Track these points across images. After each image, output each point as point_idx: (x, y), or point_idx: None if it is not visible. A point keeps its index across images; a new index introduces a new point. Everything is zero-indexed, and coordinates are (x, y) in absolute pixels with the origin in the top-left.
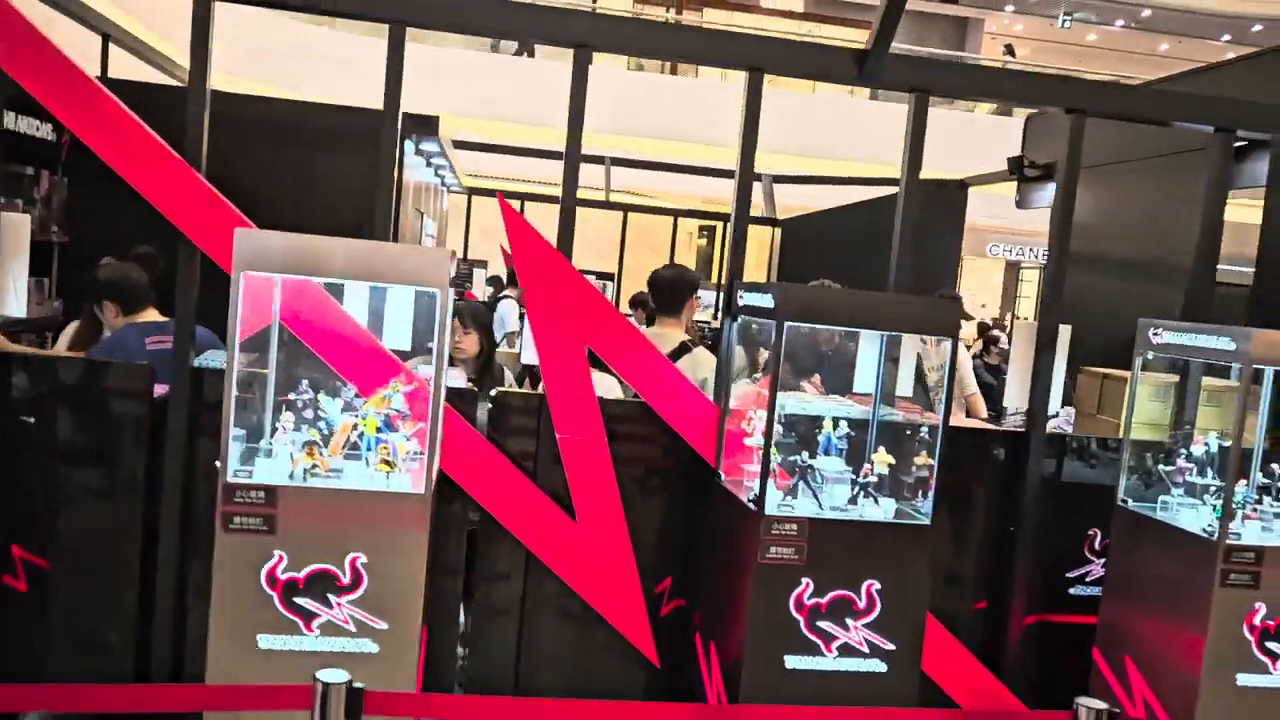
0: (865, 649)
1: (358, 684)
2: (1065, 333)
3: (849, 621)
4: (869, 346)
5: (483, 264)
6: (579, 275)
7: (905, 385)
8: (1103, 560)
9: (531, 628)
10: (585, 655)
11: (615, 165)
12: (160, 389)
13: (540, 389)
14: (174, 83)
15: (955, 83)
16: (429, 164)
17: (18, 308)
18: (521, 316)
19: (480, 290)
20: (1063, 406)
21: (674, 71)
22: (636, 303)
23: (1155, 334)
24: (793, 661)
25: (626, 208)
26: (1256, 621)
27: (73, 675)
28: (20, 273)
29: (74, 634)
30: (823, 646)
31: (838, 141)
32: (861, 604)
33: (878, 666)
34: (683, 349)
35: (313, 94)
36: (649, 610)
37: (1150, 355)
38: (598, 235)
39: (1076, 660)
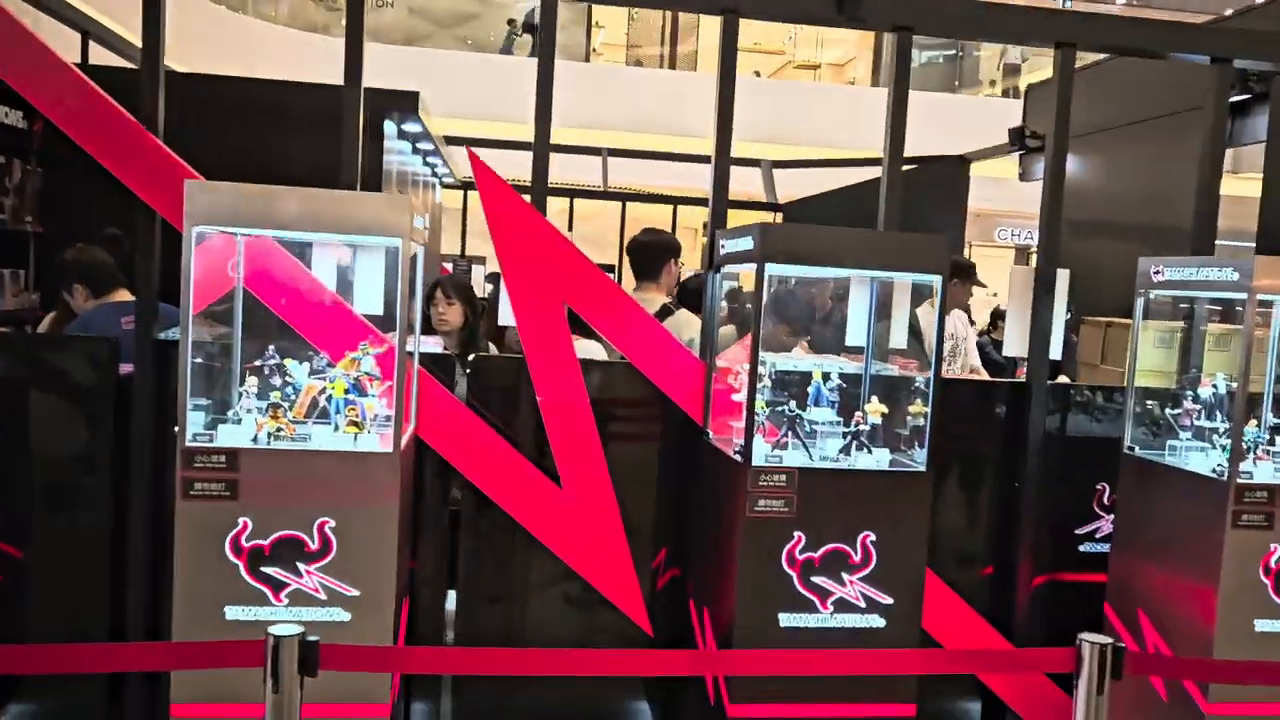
0: (862, 604)
1: (311, 637)
2: (1064, 277)
3: (844, 576)
4: (859, 296)
5: (481, 260)
6: (555, 231)
7: (899, 338)
8: (1112, 516)
9: (521, 602)
10: (578, 628)
11: (613, 156)
12: (126, 368)
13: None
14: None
15: (939, 20)
16: (415, 150)
17: None
18: None
19: (480, 287)
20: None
21: (672, 66)
22: None
23: (1157, 272)
24: (787, 619)
25: (625, 196)
26: (1272, 563)
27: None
28: None
29: (49, 622)
30: (818, 603)
31: (840, 131)
32: (857, 557)
33: (876, 622)
34: (665, 312)
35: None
36: (645, 584)
37: (1153, 295)
38: (597, 230)
39: (1089, 619)
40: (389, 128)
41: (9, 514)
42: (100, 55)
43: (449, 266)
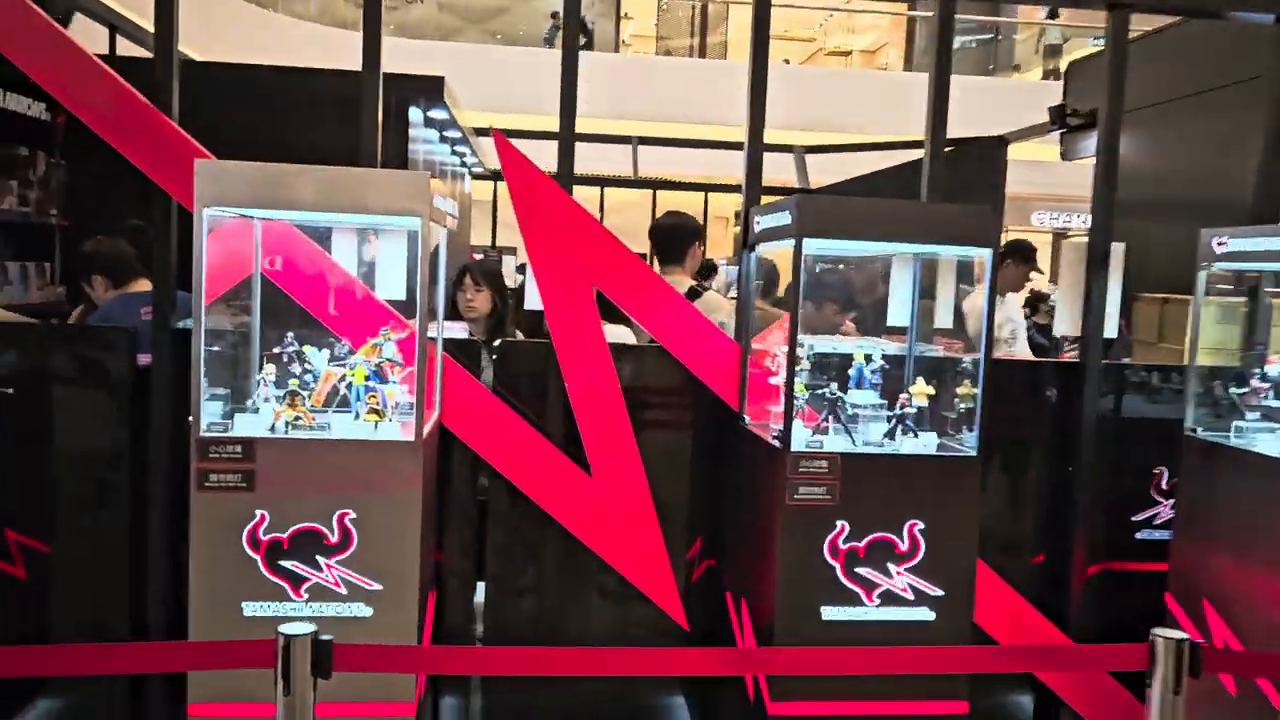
0: (910, 596)
1: (325, 636)
2: (1118, 251)
3: (891, 566)
4: (902, 273)
5: (511, 250)
6: (583, 211)
7: (944, 317)
8: (1171, 501)
9: (551, 594)
10: (611, 620)
11: (643, 145)
12: (144, 359)
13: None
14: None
15: None
16: (442, 138)
17: None
18: None
19: (511, 278)
20: None
21: (702, 55)
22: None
23: (1220, 243)
24: (830, 613)
25: (656, 185)
26: None
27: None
28: None
29: (73, 618)
30: (863, 595)
31: (873, 117)
32: (904, 547)
33: (925, 615)
34: (693, 294)
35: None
36: (680, 576)
37: (1215, 267)
38: (628, 221)
39: (1147, 611)
40: (414, 114)
41: (34, 508)
42: (127, 50)
43: (479, 257)
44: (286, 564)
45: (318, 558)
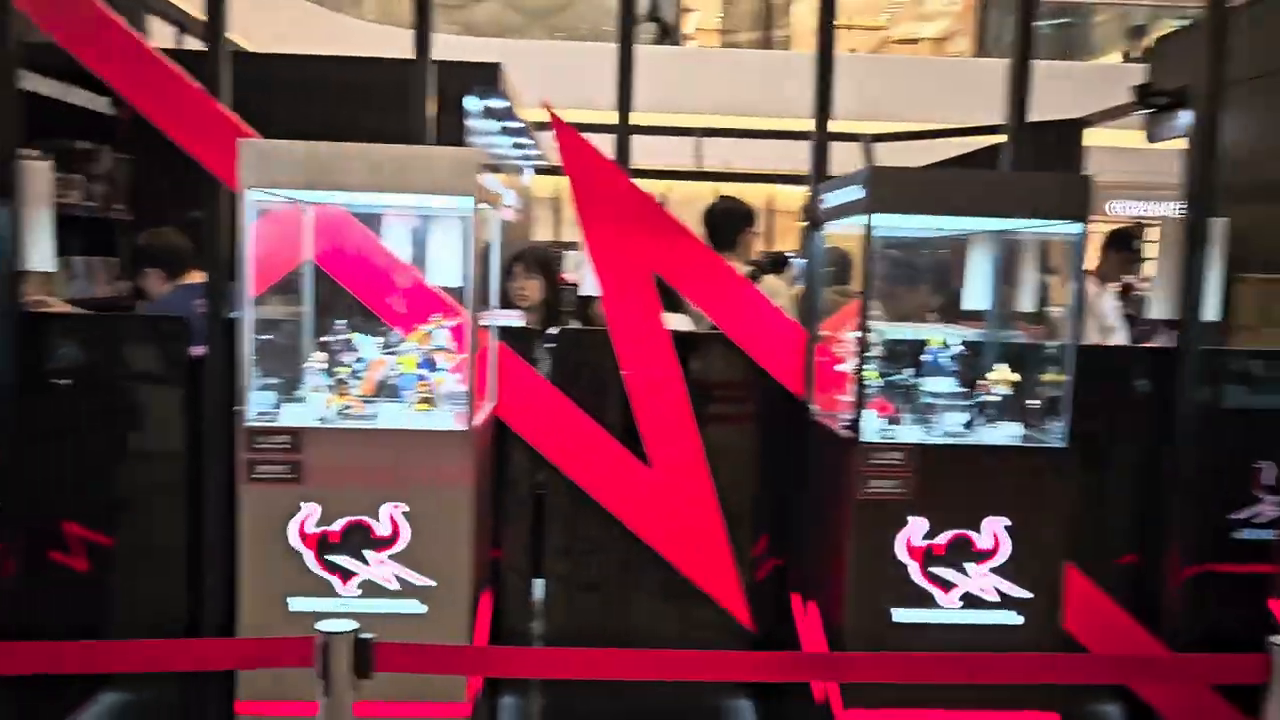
0: (993, 598)
1: (366, 635)
2: (1220, 227)
3: (970, 566)
4: (981, 251)
5: (574, 245)
6: (641, 192)
7: (1028, 299)
8: (1275, 499)
9: (611, 591)
10: (674, 618)
11: (707, 136)
12: (199, 350)
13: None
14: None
15: None
16: (503, 130)
17: (42, 261)
18: None
19: (575, 274)
20: None
21: (766, 45)
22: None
23: None
24: (904, 615)
25: (720, 177)
26: None
27: None
28: (44, 223)
29: (132, 612)
30: (939, 596)
31: (941, 105)
32: (985, 545)
33: (1011, 618)
34: (750, 279)
35: None
36: (745, 574)
37: None
38: (692, 214)
39: (1248, 616)
40: (471, 104)
41: (94, 501)
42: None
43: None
44: (335, 558)
45: (367, 552)
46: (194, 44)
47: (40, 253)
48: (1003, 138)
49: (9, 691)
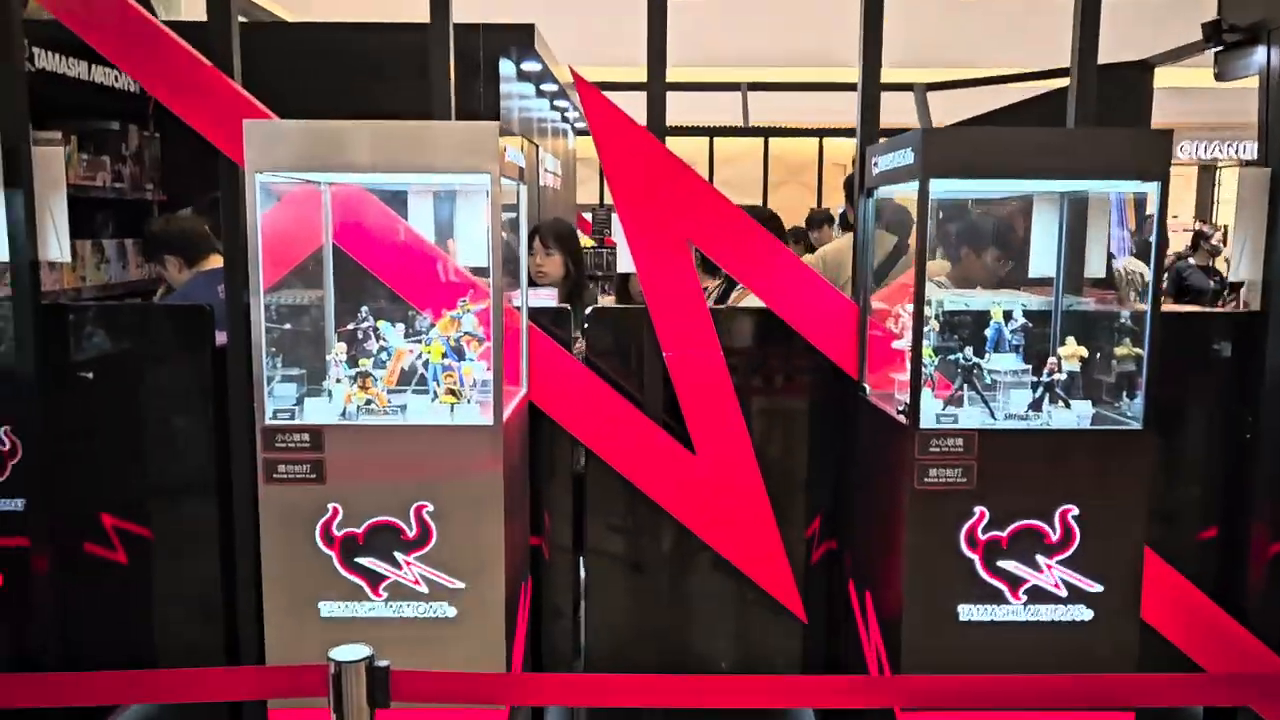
0: (1064, 592)
1: (381, 661)
2: None
3: (1040, 559)
4: (1046, 213)
5: None
6: (676, 159)
7: (1097, 265)
8: None
9: (657, 576)
10: (723, 615)
11: (753, 91)
12: (223, 337)
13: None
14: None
15: None
16: (539, 92)
17: (59, 251)
18: None
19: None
20: None
21: None
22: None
23: None
24: (969, 611)
25: (768, 132)
26: None
27: (170, 651)
28: (59, 211)
29: (170, 604)
30: (1006, 592)
31: (995, 49)
32: (1056, 536)
33: (1082, 614)
34: None
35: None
36: (798, 558)
37: None
38: (739, 172)
39: None
40: (506, 67)
41: (128, 493)
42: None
43: (588, 217)
44: (363, 561)
45: (396, 554)
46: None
47: (55, 242)
48: (1063, 81)
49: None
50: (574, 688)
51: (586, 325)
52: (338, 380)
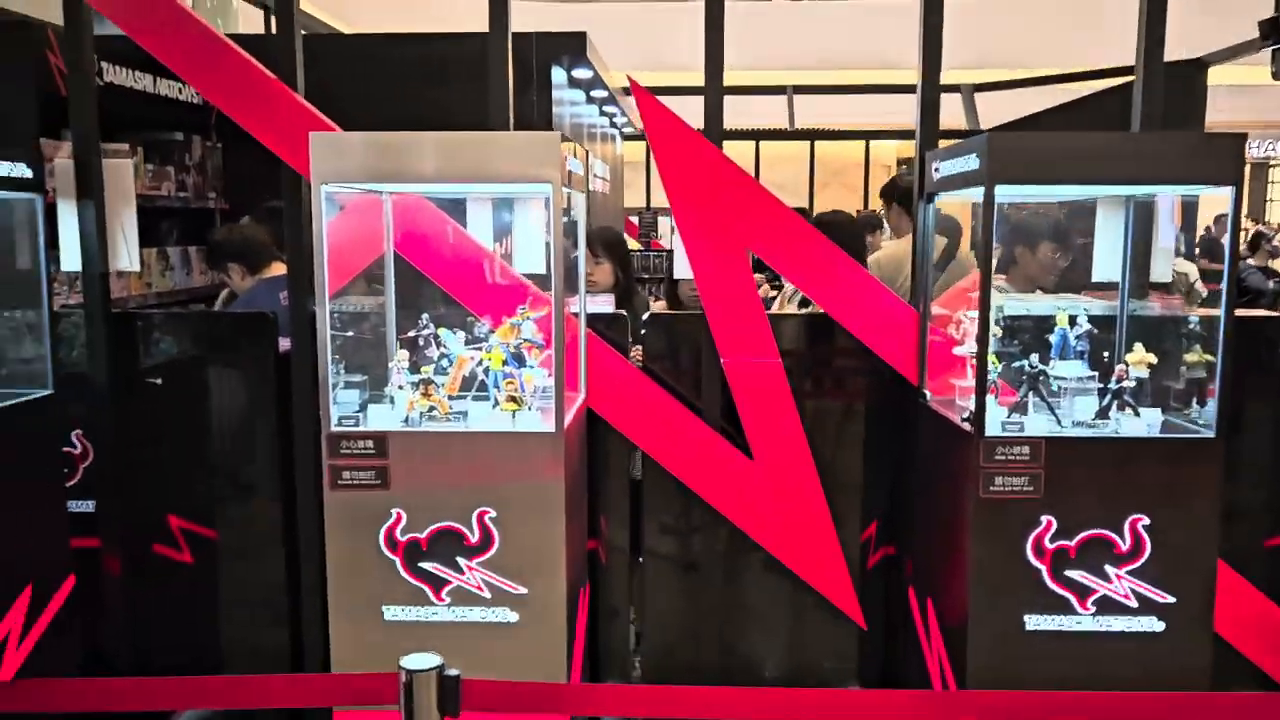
0: (1134, 603)
1: (451, 670)
2: None
3: (1109, 569)
4: (1111, 217)
5: (667, 210)
6: (733, 165)
7: (1162, 269)
8: None
9: (712, 579)
10: (783, 622)
11: (798, 93)
12: (286, 344)
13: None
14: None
15: None
16: (589, 99)
17: (129, 262)
18: None
19: (668, 238)
20: None
21: None
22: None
23: None
24: (1035, 621)
25: (814, 135)
26: None
27: (236, 652)
28: (129, 222)
29: (236, 605)
30: (1075, 602)
31: (1044, 48)
32: (1125, 546)
33: (1153, 625)
34: None
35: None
36: (854, 562)
37: None
38: (785, 175)
39: None
40: (557, 74)
41: (195, 495)
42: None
43: (635, 220)
44: (426, 565)
45: (458, 559)
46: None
47: (125, 252)
48: (1113, 81)
49: None
50: (641, 700)
51: (643, 331)
52: (400, 387)
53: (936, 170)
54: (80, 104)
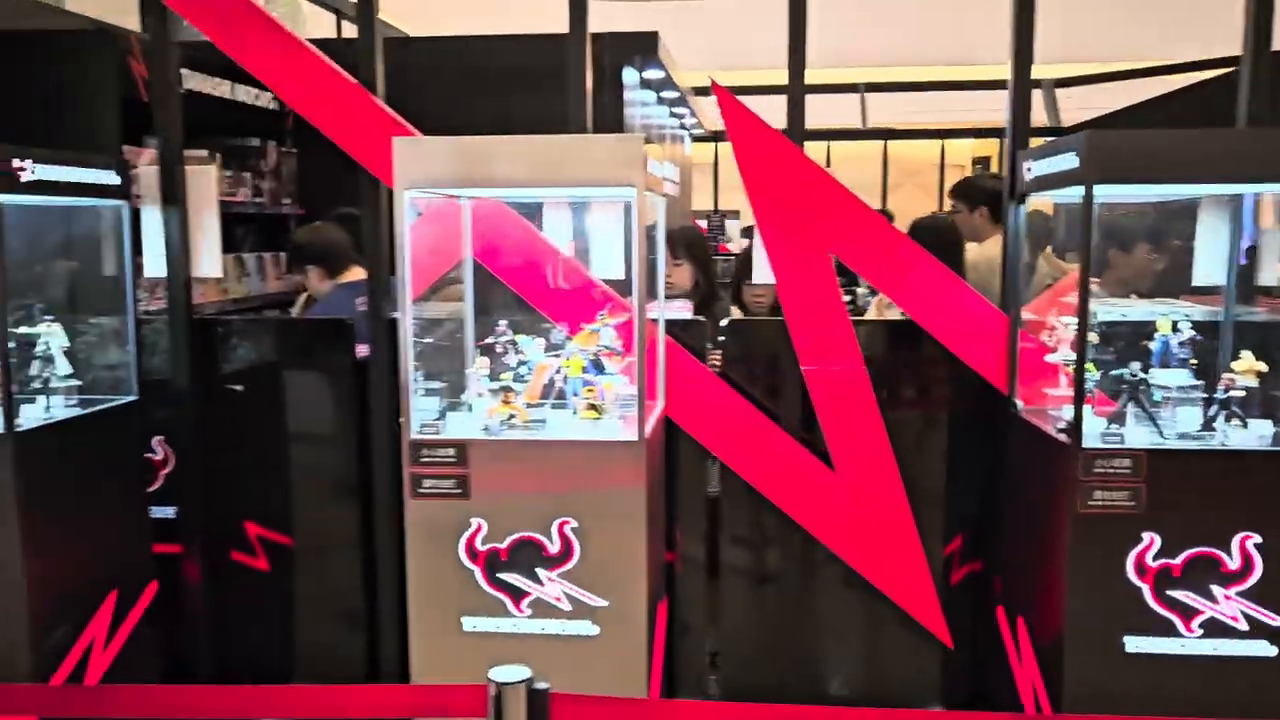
0: (1243, 625)
1: (541, 684)
2: None
3: (1216, 589)
4: (1214, 218)
5: (735, 214)
6: (817, 167)
7: (1271, 272)
8: None
9: (790, 606)
10: (862, 638)
11: (870, 92)
12: (363, 350)
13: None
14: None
15: None
16: (659, 100)
17: (212, 267)
18: None
19: (736, 243)
20: None
21: None
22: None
23: None
24: (1135, 643)
25: (887, 134)
26: None
27: (311, 660)
28: (211, 229)
29: (313, 612)
30: (1179, 623)
31: (1128, 41)
32: (1234, 565)
33: (1264, 650)
34: None
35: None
36: (937, 576)
37: None
38: (855, 177)
39: None
40: (629, 75)
41: (272, 502)
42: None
43: (703, 223)
44: (506, 576)
45: (538, 570)
46: (351, 31)
47: (208, 258)
48: (1201, 76)
49: None
50: (726, 716)
51: (722, 338)
52: (479, 394)
53: (1029, 170)
54: (166, 111)
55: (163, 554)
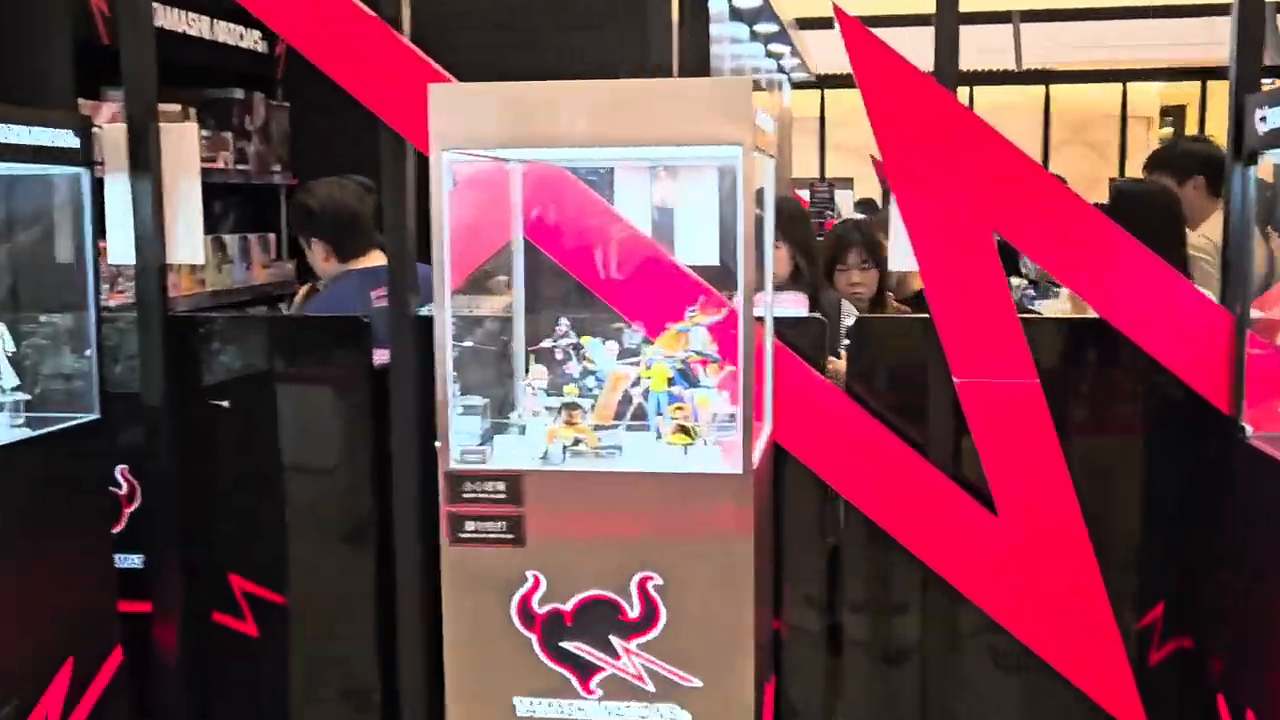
0: None
1: None
2: None
3: None
4: None
5: (847, 182)
6: (977, 119)
7: None
8: None
9: (932, 690)
10: (1012, 710)
11: (1026, 22)
12: (381, 355)
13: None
14: None
15: None
16: (753, 35)
17: (192, 252)
18: None
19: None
20: None
21: None
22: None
23: None
24: None
25: (1047, 76)
26: None
27: None
28: (191, 203)
29: (315, 688)
30: None
31: None
32: None
33: None
34: None
35: None
36: (1132, 655)
37: None
38: (1008, 131)
39: None
40: (717, 6)
41: (263, 550)
42: None
43: (804, 194)
44: (570, 646)
45: (613, 638)
46: None
47: (187, 241)
48: None
49: None
50: None
51: (847, 341)
52: (535, 413)
53: (1263, 120)
54: (135, 55)
55: (129, 613)
